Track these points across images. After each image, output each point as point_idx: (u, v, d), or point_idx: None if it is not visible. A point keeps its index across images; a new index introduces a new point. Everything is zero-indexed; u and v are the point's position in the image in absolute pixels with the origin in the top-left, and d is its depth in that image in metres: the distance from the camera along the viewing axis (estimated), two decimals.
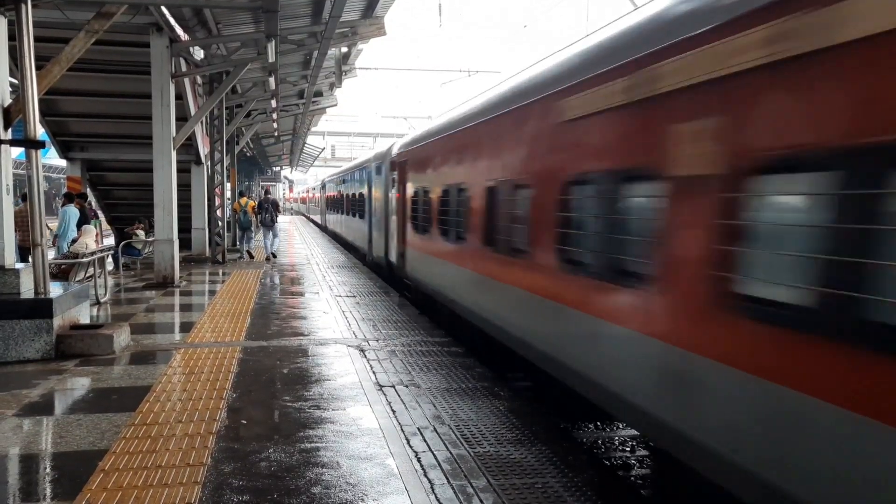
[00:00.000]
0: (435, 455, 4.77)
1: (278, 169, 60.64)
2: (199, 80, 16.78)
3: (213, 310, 10.52)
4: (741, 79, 3.45)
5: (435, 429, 5.31)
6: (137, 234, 15.58)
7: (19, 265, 7.83)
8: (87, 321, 8.45)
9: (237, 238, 20.89)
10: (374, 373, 6.95)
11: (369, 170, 17.45)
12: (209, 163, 18.20)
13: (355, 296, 12.37)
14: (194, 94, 15.69)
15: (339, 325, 9.53)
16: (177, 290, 12.72)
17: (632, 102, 4.47)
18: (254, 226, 20.01)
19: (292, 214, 66.97)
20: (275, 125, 26.60)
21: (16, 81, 7.98)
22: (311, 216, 50.70)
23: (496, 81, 8.89)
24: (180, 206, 13.85)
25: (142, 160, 14.99)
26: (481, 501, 4.06)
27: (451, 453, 4.81)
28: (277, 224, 19.56)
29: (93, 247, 12.08)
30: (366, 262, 18.48)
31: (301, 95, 22.21)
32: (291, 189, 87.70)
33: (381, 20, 14.47)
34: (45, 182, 10.16)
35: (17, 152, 10.51)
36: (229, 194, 22.36)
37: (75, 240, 12.44)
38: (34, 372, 6.76)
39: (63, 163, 17.90)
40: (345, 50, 17.71)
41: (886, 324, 2.61)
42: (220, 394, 6.08)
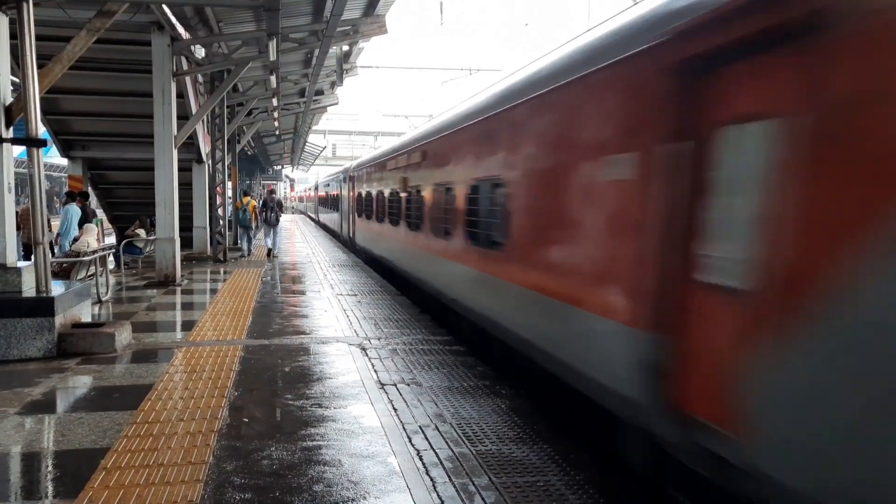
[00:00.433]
0: (437, 453, 4.77)
1: (280, 168, 60.67)
2: (200, 78, 16.78)
3: (215, 308, 10.53)
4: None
5: (437, 427, 5.30)
6: (139, 232, 15.58)
7: (21, 263, 7.84)
8: (89, 320, 8.45)
9: (238, 236, 21.02)
10: (375, 371, 6.95)
11: (339, 179, 26.11)
12: (210, 161, 18.21)
13: (357, 294, 12.37)
14: (195, 93, 15.70)
15: (340, 323, 9.53)
16: (178, 288, 12.73)
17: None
18: (254, 224, 20.28)
19: (293, 213, 67.01)
20: (276, 124, 26.62)
21: (17, 80, 7.98)
22: (307, 213, 61.33)
23: (392, 142, 16.55)
24: (182, 205, 13.86)
25: (143, 159, 14.98)
26: (483, 500, 4.06)
27: (452, 451, 4.81)
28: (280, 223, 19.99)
29: (94, 245, 12.07)
30: (340, 240, 26.16)
31: (302, 94, 22.20)
32: (293, 188, 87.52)
33: (382, 18, 14.46)
34: (46, 181, 10.13)
35: (19, 151, 10.55)
36: (230, 193, 22.44)
37: (77, 238, 12.44)
38: (36, 370, 6.77)
39: (64, 161, 17.91)
40: (346, 48, 17.70)
41: (494, 241, 7.04)
42: (221, 392, 6.08)
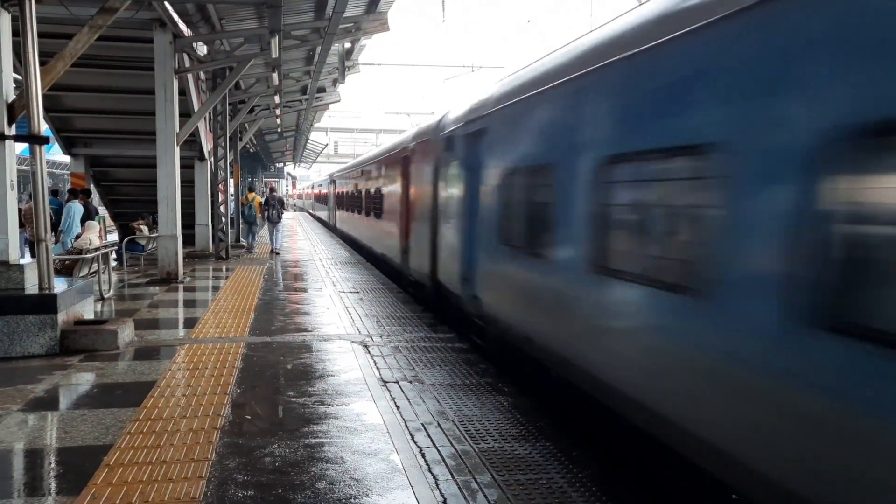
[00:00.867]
0: (439, 450, 4.77)
1: (281, 165, 60.68)
2: (202, 75, 16.78)
3: (217, 306, 10.54)
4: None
5: (439, 424, 5.30)
6: (141, 229, 15.60)
7: (24, 260, 7.85)
8: (92, 317, 8.47)
9: (241, 232, 21.15)
10: (377, 368, 6.95)
11: (327, 181, 35.99)
12: (212, 159, 18.20)
13: (359, 291, 12.37)
14: (197, 90, 15.69)
15: (342, 320, 9.53)
16: (180, 285, 12.75)
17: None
18: (259, 220, 20.71)
19: (295, 211, 67.09)
20: (278, 121, 26.63)
21: (19, 77, 7.99)
22: (305, 209, 68.99)
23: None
24: (184, 202, 13.86)
25: (145, 156, 14.98)
26: (486, 497, 4.06)
27: (455, 449, 4.81)
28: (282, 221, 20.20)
29: (96, 242, 12.08)
30: (327, 226, 34.52)
31: (304, 91, 22.19)
32: (295, 186, 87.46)
33: (384, 15, 14.43)
34: (49, 178, 10.14)
35: (21, 148, 10.56)
36: (232, 190, 22.50)
37: (79, 235, 12.44)
38: (39, 367, 6.78)
39: (67, 159, 17.91)
40: (348, 45, 17.65)
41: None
42: (224, 389, 6.09)
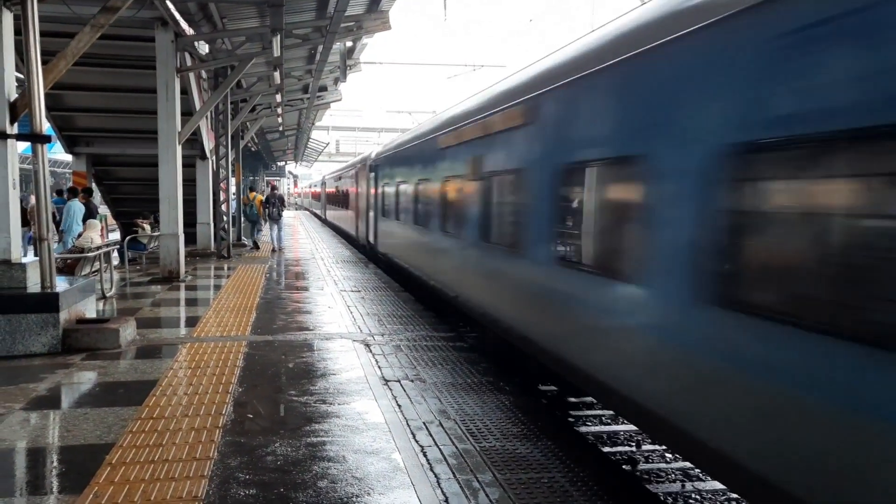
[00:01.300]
0: (441, 449, 4.77)
1: (283, 164, 60.69)
2: (204, 74, 16.78)
3: (219, 304, 10.54)
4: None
5: (440, 423, 5.31)
6: (143, 228, 15.61)
7: (26, 259, 7.86)
8: (94, 315, 8.48)
9: (242, 230, 21.26)
10: (379, 367, 6.96)
11: (322, 181, 41.60)
12: (214, 157, 18.21)
13: (360, 290, 12.37)
14: (199, 89, 15.70)
15: (344, 319, 9.54)
16: (182, 284, 12.76)
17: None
18: (261, 219, 21.23)
19: (297, 209, 67.21)
20: (279, 120, 26.62)
21: (22, 76, 8.00)
22: (304, 206, 74.49)
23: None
24: (186, 201, 13.86)
25: (147, 155, 15.00)
26: (487, 496, 4.06)
27: (456, 448, 4.81)
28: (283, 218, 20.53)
29: (98, 241, 12.09)
30: (319, 219, 40.34)
31: (306, 90, 22.18)
32: (296, 184, 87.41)
33: (386, 14, 14.41)
34: (51, 177, 10.16)
35: (24, 147, 10.57)
36: (234, 189, 22.54)
37: (80, 234, 12.46)
38: (41, 366, 6.79)
39: (69, 158, 17.93)
40: (349, 44, 17.65)
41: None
42: (225, 388, 6.10)
